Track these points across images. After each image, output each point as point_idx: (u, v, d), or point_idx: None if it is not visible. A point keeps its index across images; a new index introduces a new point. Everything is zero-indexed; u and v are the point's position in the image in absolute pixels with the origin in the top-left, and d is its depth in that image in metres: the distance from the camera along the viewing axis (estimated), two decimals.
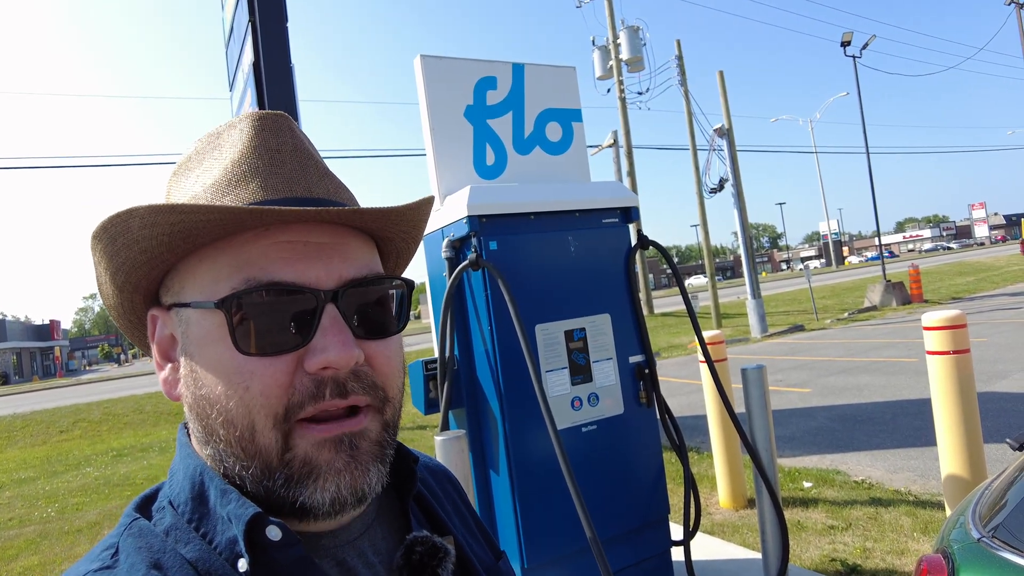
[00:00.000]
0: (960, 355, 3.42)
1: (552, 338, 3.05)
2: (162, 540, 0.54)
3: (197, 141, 0.63)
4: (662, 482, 3.25)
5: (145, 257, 0.56)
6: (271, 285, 0.54)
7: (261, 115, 0.61)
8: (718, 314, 18.66)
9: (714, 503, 5.04)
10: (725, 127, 16.55)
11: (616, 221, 3.33)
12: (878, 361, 10.49)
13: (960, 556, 1.59)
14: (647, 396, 3.21)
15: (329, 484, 0.53)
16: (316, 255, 0.56)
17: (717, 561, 3.74)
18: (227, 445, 0.54)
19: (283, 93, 5.23)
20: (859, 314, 18.15)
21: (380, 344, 0.59)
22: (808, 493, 5.01)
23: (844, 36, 20.87)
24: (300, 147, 0.61)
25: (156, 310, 0.61)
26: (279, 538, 0.52)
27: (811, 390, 8.99)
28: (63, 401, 18.50)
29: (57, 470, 9.96)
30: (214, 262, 0.56)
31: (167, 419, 13.72)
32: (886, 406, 7.57)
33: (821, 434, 6.79)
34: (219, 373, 0.54)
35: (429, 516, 0.71)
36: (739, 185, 16.39)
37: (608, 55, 21.59)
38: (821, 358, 11.68)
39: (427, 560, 0.62)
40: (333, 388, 0.54)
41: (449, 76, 3.29)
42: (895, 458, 5.70)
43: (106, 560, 0.52)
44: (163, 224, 0.53)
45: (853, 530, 4.23)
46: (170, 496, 0.58)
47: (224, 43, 7.80)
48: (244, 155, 0.59)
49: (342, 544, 0.60)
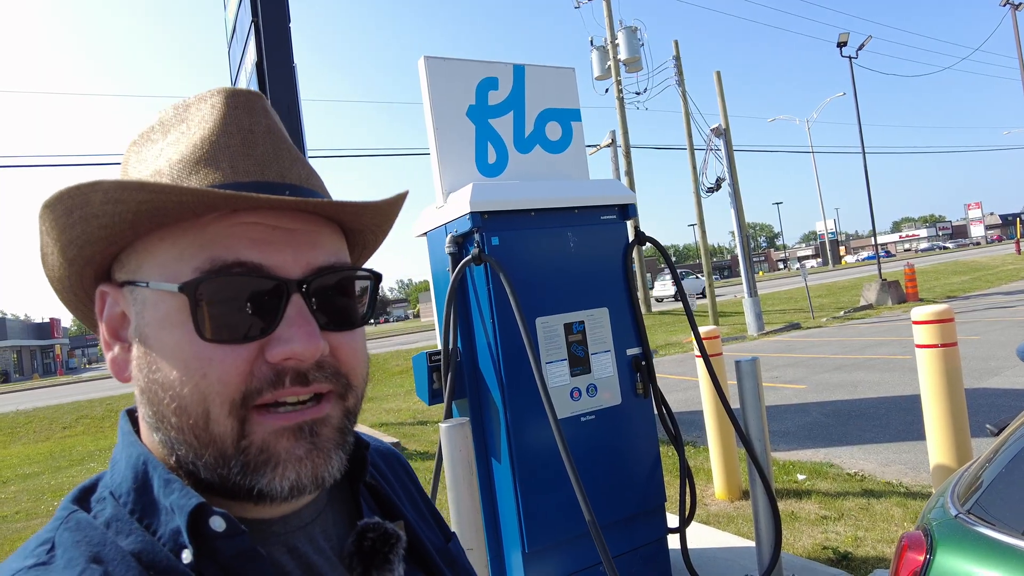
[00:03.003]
0: (948, 348, 3.53)
1: (552, 331, 3.15)
2: (102, 532, 0.51)
3: (162, 111, 0.60)
4: (658, 471, 3.34)
5: (104, 233, 0.53)
6: (236, 264, 0.52)
7: (234, 91, 0.58)
8: (715, 312, 18.78)
9: (710, 495, 5.15)
10: (722, 127, 16.65)
11: (614, 218, 3.43)
12: (873, 358, 10.60)
13: (939, 532, 1.68)
14: (644, 387, 3.31)
15: (289, 472, 0.52)
16: (285, 240, 0.54)
17: (712, 549, 3.85)
18: (179, 432, 0.52)
19: (285, 92, 5.31)
20: (855, 312, 18.28)
21: (345, 336, 0.58)
22: (802, 485, 5.12)
23: (840, 37, 20.98)
24: (274, 128, 0.59)
25: (107, 286, 0.58)
26: (223, 529, 0.51)
27: (806, 387, 9.10)
28: (65, 398, 18.55)
29: (61, 465, 10.03)
30: (176, 241, 0.53)
31: None
32: (879, 402, 7.68)
33: (815, 429, 6.89)
34: (175, 358, 0.52)
35: (380, 501, 0.70)
36: (736, 185, 16.51)
37: (606, 55, 21.68)
38: (816, 355, 11.79)
39: (378, 546, 0.61)
40: (294, 377, 0.53)
41: (452, 77, 3.38)
42: (887, 452, 5.80)
43: (41, 556, 0.49)
44: (129, 201, 0.50)
45: (845, 520, 4.33)
46: (111, 487, 0.55)
47: (227, 42, 7.87)
48: (215, 132, 0.56)
49: (293, 530, 0.59)
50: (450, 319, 3.06)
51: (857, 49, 21.46)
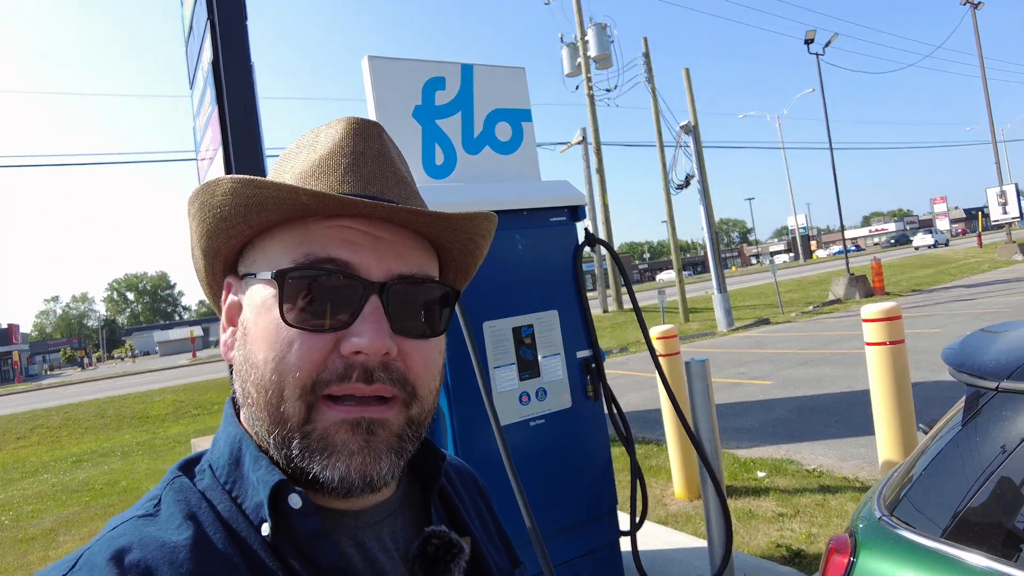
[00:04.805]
0: (895, 345, 3.56)
1: (500, 335, 3.11)
2: (199, 497, 0.58)
3: (302, 136, 0.68)
4: (610, 474, 3.33)
5: (225, 224, 0.61)
6: (327, 260, 0.58)
7: (356, 120, 0.66)
8: (686, 308, 18.93)
9: (670, 494, 5.16)
10: (691, 124, 16.77)
11: (564, 219, 3.40)
12: (838, 353, 10.75)
13: (862, 534, 1.68)
14: (594, 390, 3.29)
15: (340, 463, 0.56)
16: (372, 246, 0.60)
17: (667, 550, 3.85)
18: (257, 408, 0.58)
19: (243, 91, 5.20)
20: (823, 307, 18.55)
21: (418, 343, 0.61)
22: (761, 483, 5.15)
23: (808, 34, 21.23)
24: (384, 153, 0.65)
25: (232, 278, 0.66)
26: (299, 506, 0.56)
27: (773, 382, 9.20)
28: (21, 407, 18.07)
29: (13, 477, 9.77)
30: (283, 238, 0.60)
31: (130, 423, 13.51)
32: (842, 396, 7.78)
33: (779, 425, 6.96)
34: (264, 339, 0.58)
35: (451, 514, 0.73)
36: (705, 181, 16.63)
37: (576, 52, 21.71)
38: (784, 351, 11.93)
39: (441, 554, 0.64)
40: (360, 373, 0.57)
41: (397, 77, 3.32)
42: (847, 446, 5.88)
43: (149, 509, 0.57)
44: (240, 194, 0.58)
45: (801, 517, 4.37)
46: (210, 460, 0.62)
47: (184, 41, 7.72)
48: (331, 152, 0.63)
49: (363, 526, 0.63)
50: None
51: (824, 46, 21.73)
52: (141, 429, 12.94)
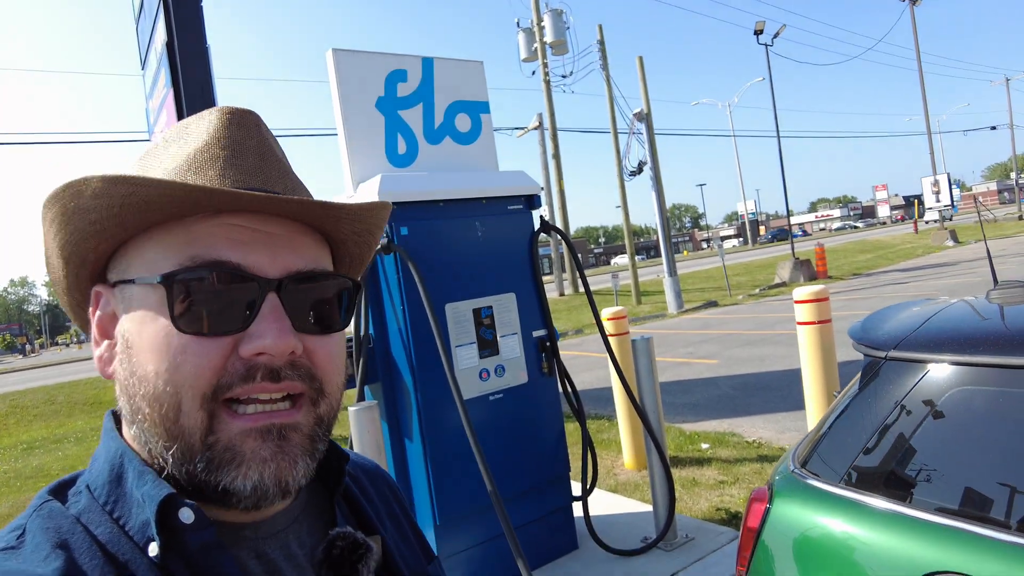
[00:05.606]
0: (823, 325, 3.90)
1: (461, 316, 3.31)
2: (72, 522, 0.53)
3: (168, 129, 0.64)
4: (563, 444, 3.58)
5: (95, 229, 0.55)
6: (216, 264, 0.54)
7: (231, 109, 0.62)
8: (638, 292, 19.43)
9: (620, 465, 5.47)
10: (644, 112, 17.13)
11: (520, 207, 3.61)
12: (781, 333, 11.28)
13: (778, 485, 1.95)
14: (549, 367, 3.53)
15: (252, 472, 0.53)
16: (264, 242, 0.57)
17: (617, 515, 4.14)
18: (151, 424, 0.54)
19: (198, 73, 5.18)
20: (769, 290, 19.28)
21: (321, 339, 0.59)
22: (705, 454, 5.51)
23: (757, 25, 21.78)
24: (263, 144, 0.62)
25: (101, 287, 0.61)
26: (191, 520, 0.52)
27: (718, 361, 9.63)
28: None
29: None
30: (162, 240, 0.55)
31: (83, 409, 13.23)
32: (783, 374, 8.24)
33: (723, 401, 7.36)
34: (153, 350, 0.54)
35: (358, 515, 0.71)
36: (657, 168, 17.05)
37: (533, 37, 21.81)
38: (730, 332, 12.44)
39: (347, 555, 0.62)
40: (265, 373, 0.54)
41: (361, 69, 3.46)
42: (785, 420, 6.28)
43: (11, 541, 0.51)
44: (115, 195, 0.52)
45: (740, 484, 4.72)
46: (88, 480, 0.57)
47: (134, 19, 7.54)
48: (207, 144, 0.59)
49: (264, 536, 0.60)
50: (361, 306, 3.18)
51: (772, 37, 22.35)
52: (95, 415, 12.67)
